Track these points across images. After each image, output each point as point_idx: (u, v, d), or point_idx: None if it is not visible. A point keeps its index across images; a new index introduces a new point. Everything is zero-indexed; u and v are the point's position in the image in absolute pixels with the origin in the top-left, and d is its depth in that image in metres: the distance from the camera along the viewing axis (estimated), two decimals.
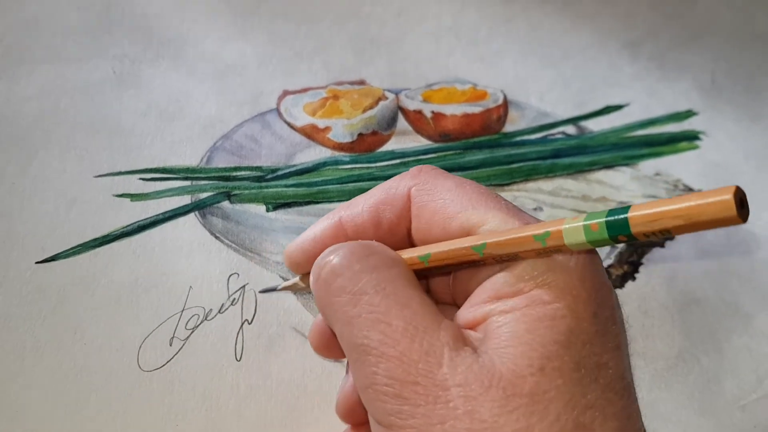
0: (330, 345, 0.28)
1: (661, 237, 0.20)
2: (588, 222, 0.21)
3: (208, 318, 0.36)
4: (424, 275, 0.27)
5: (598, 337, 0.22)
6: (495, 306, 0.23)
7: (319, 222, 0.28)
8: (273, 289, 0.32)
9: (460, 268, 0.25)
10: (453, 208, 0.25)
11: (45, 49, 0.47)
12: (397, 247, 0.26)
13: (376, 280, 0.23)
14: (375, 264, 0.24)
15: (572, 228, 0.21)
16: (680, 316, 0.40)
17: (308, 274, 0.27)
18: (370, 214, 0.26)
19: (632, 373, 0.24)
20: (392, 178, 0.27)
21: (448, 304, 0.27)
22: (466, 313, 0.24)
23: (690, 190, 0.46)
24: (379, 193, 0.27)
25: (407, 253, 0.26)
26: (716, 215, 0.18)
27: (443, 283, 0.27)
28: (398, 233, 0.26)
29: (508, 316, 0.22)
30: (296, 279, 0.30)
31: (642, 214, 0.20)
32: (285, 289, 0.30)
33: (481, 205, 0.24)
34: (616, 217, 0.20)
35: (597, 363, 0.22)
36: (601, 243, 0.21)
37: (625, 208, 0.20)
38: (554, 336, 0.21)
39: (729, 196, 0.18)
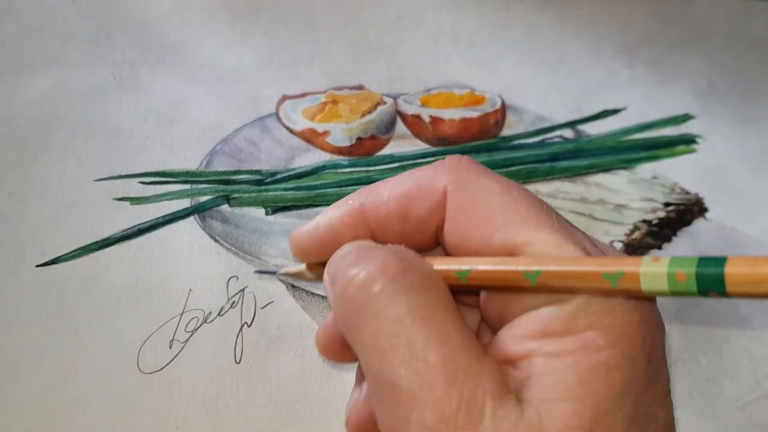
0: (339, 349, 0.25)
1: (759, 298, 0.18)
2: (674, 269, 0.18)
3: (207, 321, 0.36)
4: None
5: (650, 385, 0.20)
6: (542, 344, 0.20)
7: (336, 206, 0.24)
8: (272, 272, 0.29)
9: (501, 291, 0.22)
10: (497, 218, 0.21)
11: (45, 54, 0.47)
12: (423, 247, 0.23)
13: (414, 305, 0.20)
14: (412, 284, 0.20)
15: (653, 273, 0.19)
16: (679, 316, 0.41)
17: (318, 264, 0.24)
18: (398, 205, 0.23)
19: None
20: (423, 168, 0.24)
21: (468, 305, 0.25)
22: (506, 344, 0.21)
23: (687, 193, 0.46)
24: (409, 183, 0.23)
25: (442, 264, 0.22)
26: None
27: None
28: (427, 231, 0.23)
29: (557, 362, 0.19)
30: (301, 267, 0.26)
31: (744, 273, 0.17)
32: (286, 274, 0.27)
33: (532, 219, 0.21)
34: (710, 270, 0.18)
35: (647, 415, 0.20)
36: (686, 295, 0.18)
37: (721, 260, 0.18)
38: (608, 390, 0.19)
39: None
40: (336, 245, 0.23)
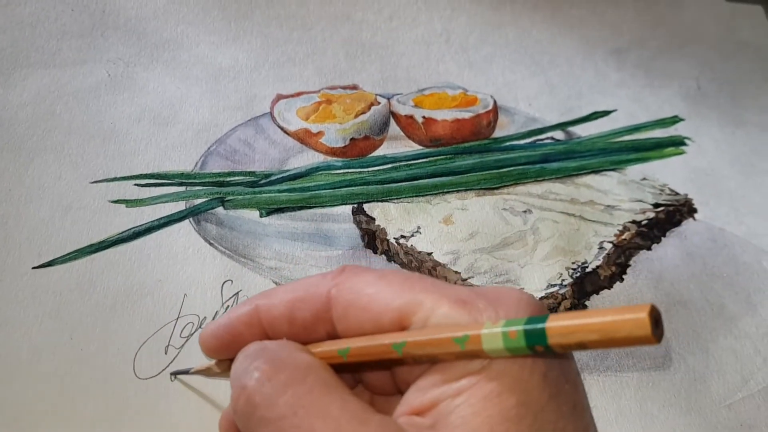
0: None
1: (578, 349, 0.20)
2: (506, 329, 0.20)
3: (202, 326, 0.36)
4: (355, 370, 0.26)
5: (551, 402, 0.21)
6: (444, 389, 0.22)
7: (238, 307, 0.26)
8: (185, 372, 0.32)
9: (381, 366, 0.24)
10: (380, 302, 0.23)
11: (39, 52, 0.47)
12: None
13: (292, 398, 0.22)
14: (287, 380, 0.22)
15: (491, 334, 0.21)
16: (667, 316, 0.41)
17: (224, 360, 0.27)
18: (286, 309, 0.25)
19: (596, 426, 0.23)
20: (315, 275, 0.26)
21: (388, 394, 0.26)
22: (413, 398, 0.22)
23: (676, 194, 0.47)
24: (299, 288, 0.25)
25: (326, 346, 0.25)
26: (630, 333, 0.18)
27: (382, 373, 0.26)
28: (315, 333, 0.25)
29: (457, 400, 0.21)
30: (211, 363, 0.28)
31: (559, 325, 0.20)
32: (198, 373, 0.30)
33: (407, 292, 0.23)
34: (534, 326, 0.20)
35: (554, 430, 0.21)
36: (520, 351, 0.20)
37: (543, 317, 0.20)
38: (503, 413, 0.20)
39: (644, 315, 0.18)
40: (236, 344, 0.26)
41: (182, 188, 0.42)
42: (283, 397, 0.22)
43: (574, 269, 0.42)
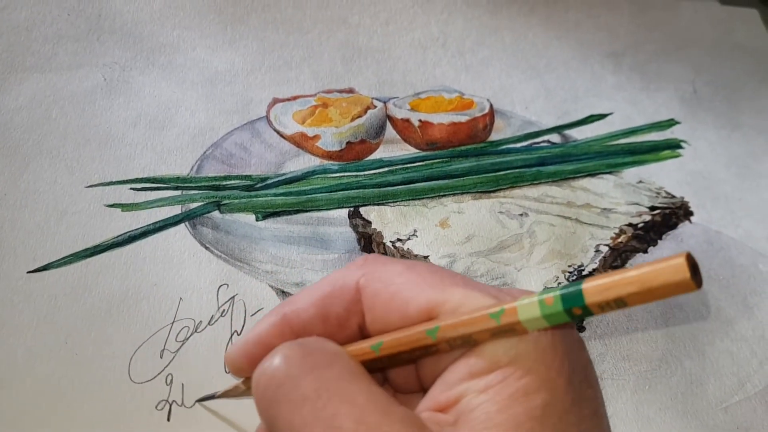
0: None
1: (617, 308, 0.20)
2: (543, 296, 0.21)
3: (198, 330, 0.36)
4: (384, 368, 0.26)
5: (574, 405, 0.21)
6: (469, 385, 0.21)
7: (262, 320, 0.26)
8: (212, 397, 0.31)
9: (415, 356, 0.24)
10: (408, 293, 0.23)
11: (35, 57, 0.47)
12: (347, 342, 0.25)
13: (317, 381, 0.21)
14: (313, 364, 0.22)
15: (527, 303, 0.21)
16: (663, 319, 0.41)
17: (251, 378, 0.25)
18: (317, 308, 0.25)
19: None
20: (336, 271, 0.25)
21: (411, 392, 0.26)
22: (438, 393, 0.22)
23: (672, 197, 0.47)
24: (324, 286, 0.25)
25: (358, 344, 0.24)
26: (669, 279, 0.18)
27: (407, 370, 0.26)
28: (348, 327, 0.25)
29: (482, 396, 0.21)
30: (237, 382, 0.27)
31: (596, 284, 0.20)
32: (225, 396, 0.28)
33: (437, 284, 0.23)
34: (570, 289, 0.20)
35: None
36: (557, 318, 0.20)
37: (580, 281, 0.20)
38: (528, 412, 0.20)
39: (681, 260, 0.18)
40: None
41: (178, 192, 0.42)
42: (309, 378, 0.22)
43: (570, 272, 0.42)
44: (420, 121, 0.48)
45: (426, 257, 0.41)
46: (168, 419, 0.33)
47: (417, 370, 0.25)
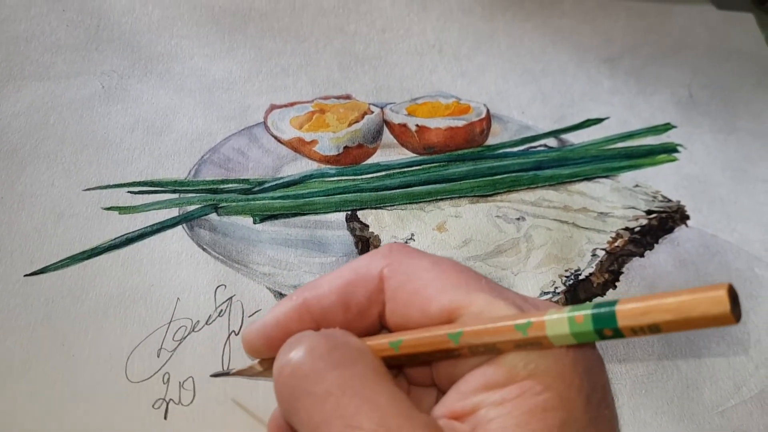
0: None
1: (650, 333, 0.19)
2: (573, 314, 0.20)
3: (195, 329, 0.36)
4: (401, 365, 0.25)
5: (591, 425, 0.21)
6: (485, 397, 0.21)
7: (281, 303, 0.25)
8: (226, 374, 0.30)
9: (434, 357, 0.23)
10: (432, 290, 0.23)
11: (34, 65, 0.48)
12: (366, 333, 0.24)
13: (341, 378, 0.21)
14: (339, 360, 0.22)
15: (556, 319, 0.20)
16: None
17: (268, 359, 0.26)
18: (339, 295, 0.24)
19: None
20: (360, 258, 0.25)
21: (425, 386, 0.26)
22: (453, 402, 0.22)
23: (669, 201, 0.47)
24: (347, 273, 0.25)
25: (377, 339, 0.24)
26: (708, 311, 0.17)
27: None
28: (369, 317, 0.25)
29: (499, 410, 0.21)
30: (254, 362, 0.27)
31: (631, 307, 0.19)
32: (240, 374, 0.28)
33: (462, 286, 0.23)
34: (602, 309, 0.19)
35: None
36: (586, 337, 0.20)
37: (613, 302, 0.19)
38: (546, 430, 0.20)
39: (723, 293, 0.17)
40: (284, 341, 0.24)
41: (175, 195, 0.42)
42: (333, 374, 0.21)
43: (567, 277, 0.42)
44: (417, 125, 0.48)
45: (449, 258, 0.41)
46: (165, 417, 0.33)
47: (433, 368, 0.25)
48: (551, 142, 0.50)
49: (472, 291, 0.22)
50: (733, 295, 0.18)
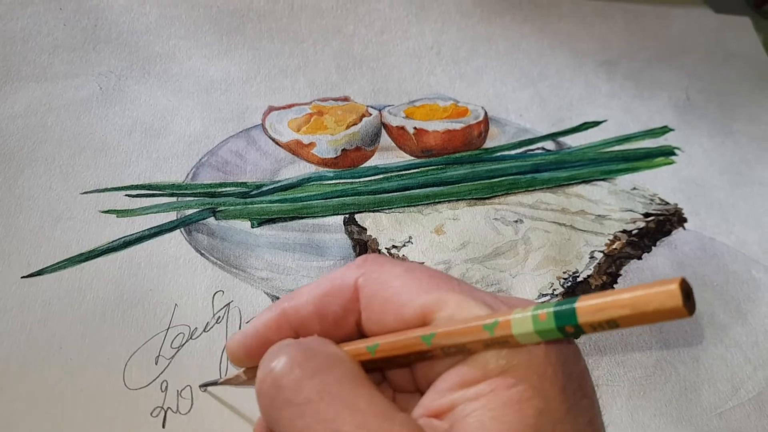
0: None
1: (609, 329, 0.20)
2: (537, 312, 0.21)
3: (193, 337, 0.36)
4: (380, 368, 0.26)
5: (569, 414, 0.21)
6: (461, 393, 0.22)
7: (262, 314, 0.26)
8: (214, 383, 0.31)
9: (410, 360, 0.24)
10: (405, 295, 0.24)
11: (31, 66, 0.47)
12: (344, 340, 0.25)
13: (320, 385, 0.22)
14: (316, 367, 0.22)
15: (521, 318, 0.21)
16: (657, 325, 0.41)
17: (252, 368, 0.26)
18: (315, 306, 0.25)
19: None
20: (337, 270, 0.26)
21: (409, 391, 0.26)
22: (431, 401, 0.23)
23: (666, 204, 0.47)
24: (324, 283, 0.25)
25: (354, 345, 0.25)
26: (661, 305, 0.18)
27: (404, 371, 0.26)
28: (345, 326, 0.25)
29: (474, 404, 0.21)
30: (239, 371, 0.28)
31: (589, 304, 0.20)
32: (226, 383, 0.29)
33: (434, 290, 0.23)
34: (563, 307, 0.20)
35: None
36: (549, 334, 0.21)
37: (574, 299, 0.20)
38: (522, 420, 0.20)
39: (674, 287, 0.18)
40: (264, 350, 0.25)
41: (173, 199, 0.42)
42: (311, 382, 0.22)
43: (565, 279, 0.42)
44: (415, 128, 0.48)
45: (421, 264, 0.41)
46: (163, 426, 0.33)
47: (413, 372, 0.25)
48: (549, 145, 0.50)
49: (443, 293, 0.23)
50: (685, 289, 0.18)
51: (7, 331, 0.35)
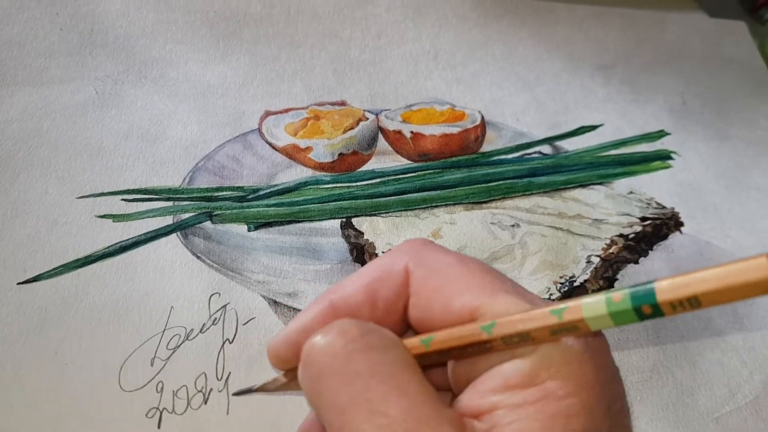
0: None
1: (690, 308, 0.18)
2: (610, 294, 0.20)
3: (189, 338, 0.36)
4: (429, 365, 0.24)
5: None
6: (505, 397, 0.21)
7: (308, 309, 0.25)
8: (249, 391, 0.28)
9: (465, 353, 0.23)
10: (456, 286, 0.23)
11: (27, 70, 0.47)
12: (394, 329, 0.24)
13: (371, 362, 0.21)
14: (371, 344, 0.21)
15: (593, 302, 0.20)
16: (654, 330, 0.41)
17: (293, 369, 0.24)
18: (365, 293, 0.24)
19: None
20: (384, 255, 0.25)
21: (442, 389, 0.25)
22: (470, 399, 0.22)
23: (663, 207, 0.47)
24: (372, 271, 0.24)
25: (407, 338, 0.23)
26: (750, 278, 0.17)
27: (440, 370, 0.25)
28: (395, 313, 0.24)
29: (519, 412, 0.20)
30: (278, 375, 0.26)
31: (669, 282, 0.19)
32: (263, 390, 0.26)
33: (487, 286, 0.22)
34: (640, 287, 0.19)
35: None
36: (624, 317, 0.20)
37: (650, 281, 0.19)
38: None
39: (764, 260, 0.17)
40: None
41: (170, 203, 0.42)
42: (364, 356, 0.21)
43: (561, 283, 0.42)
44: (412, 132, 0.48)
45: (474, 258, 0.41)
46: (158, 427, 0.33)
47: (449, 369, 0.24)
48: (546, 149, 0.50)
49: (496, 292, 0.22)
50: None
51: (3, 337, 0.35)
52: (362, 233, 0.42)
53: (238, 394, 0.31)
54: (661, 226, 0.46)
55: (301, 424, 0.26)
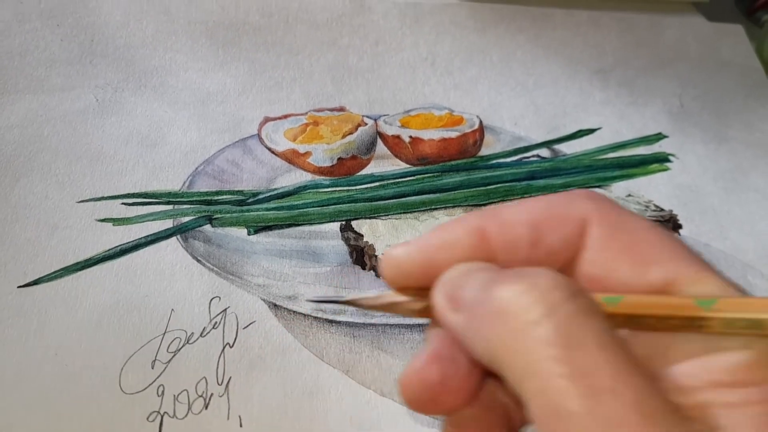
0: (438, 398, 0.20)
1: None
2: None
3: (189, 341, 0.36)
4: None
5: None
6: (718, 395, 0.17)
7: (448, 226, 0.21)
8: (335, 301, 0.23)
9: (660, 326, 0.19)
10: (656, 251, 0.19)
11: (28, 79, 0.48)
12: None
13: (595, 331, 0.16)
14: (585, 308, 0.17)
15: None
16: None
17: (420, 289, 0.21)
18: (530, 229, 0.20)
19: None
20: (556, 195, 0.21)
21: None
22: (673, 393, 0.18)
23: (661, 210, 0.47)
24: (540, 208, 0.20)
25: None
26: None
27: None
28: (555, 261, 0.20)
29: (737, 414, 0.17)
30: (390, 293, 0.21)
31: None
32: (353, 303, 0.22)
33: (694, 262, 0.19)
34: None
35: None
36: None
37: None
38: None
39: None
40: (447, 268, 0.20)
41: (170, 207, 0.42)
42: (584, 322, 0.17)
43: None
44: (411, 137, 0.48)
45: None
46: (160, 431, 0.33)
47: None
48: (544, 152, 0.50)
49: (704, 269, 0.19)
50: None
51: (4, 339, 0.35)
52: (362, 235, 0.42)
53: (317, 301, 0.27)
54: None
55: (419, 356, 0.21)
